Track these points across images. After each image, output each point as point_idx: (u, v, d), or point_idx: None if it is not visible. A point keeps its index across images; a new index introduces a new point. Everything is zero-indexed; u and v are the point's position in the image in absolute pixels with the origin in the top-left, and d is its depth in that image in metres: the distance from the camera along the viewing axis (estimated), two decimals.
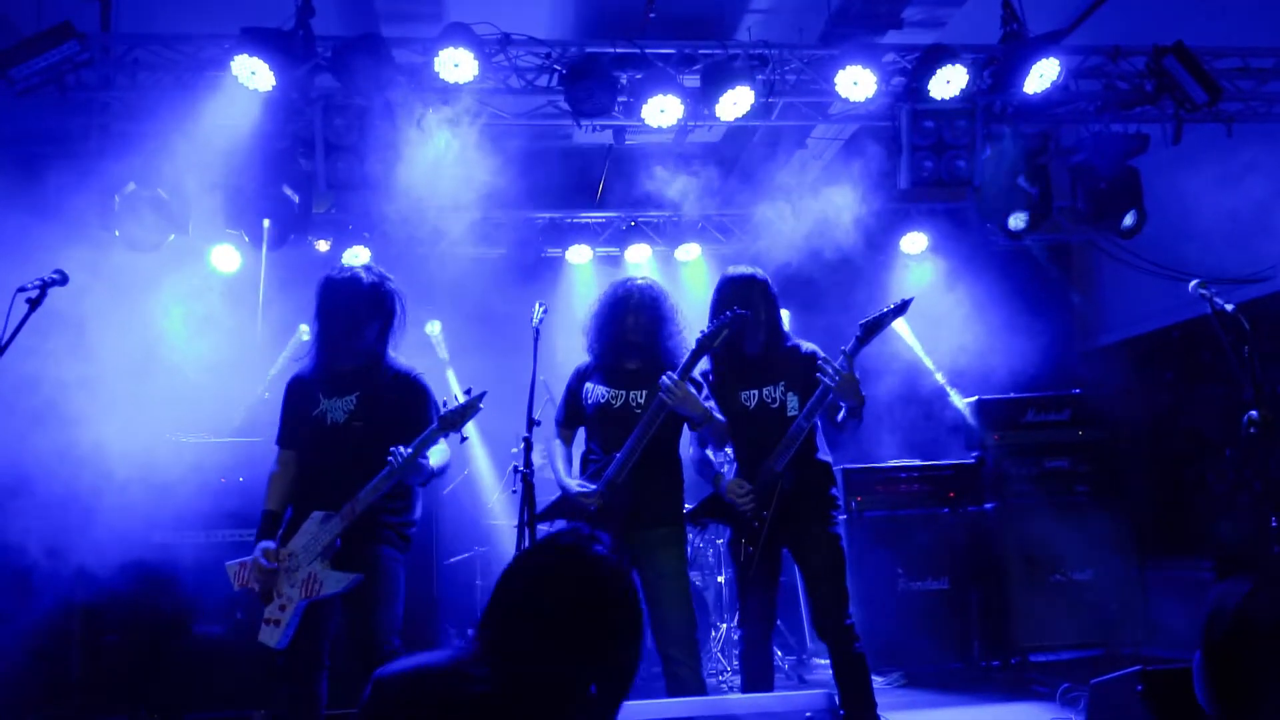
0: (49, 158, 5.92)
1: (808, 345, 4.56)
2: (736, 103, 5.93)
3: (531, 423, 4.15)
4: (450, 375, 7.95)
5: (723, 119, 6.07)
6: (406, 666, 1.98)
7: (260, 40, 5.38)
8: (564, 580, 1.98)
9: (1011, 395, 6.94)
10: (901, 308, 4.32)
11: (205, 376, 6.29)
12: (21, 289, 3.94)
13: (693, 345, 4.27)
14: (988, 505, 6.69)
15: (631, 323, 4.42)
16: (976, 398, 6.89)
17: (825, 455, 4.54)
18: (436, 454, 4.05)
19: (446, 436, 3.94)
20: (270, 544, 3.96)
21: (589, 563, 1.99)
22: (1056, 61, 5.89)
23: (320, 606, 3.89)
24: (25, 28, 5.57)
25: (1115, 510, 6.67)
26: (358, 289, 4.09)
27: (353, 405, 4.06)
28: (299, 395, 4.19)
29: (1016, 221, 6.78)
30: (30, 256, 4.56)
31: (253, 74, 5.44)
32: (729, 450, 4.59)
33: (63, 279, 4.04)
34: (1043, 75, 5.92)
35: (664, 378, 4.15)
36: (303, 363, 4.24)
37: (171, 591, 5.86)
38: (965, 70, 5.93)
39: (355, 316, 4.07)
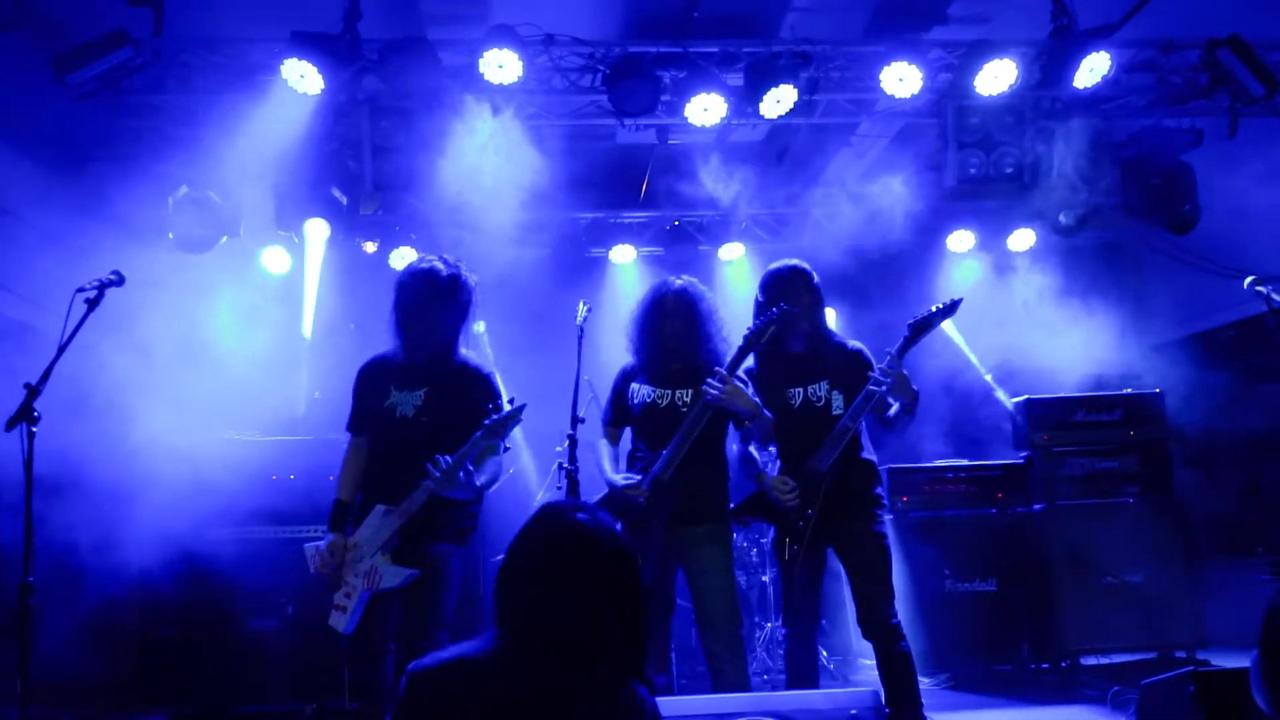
0: (104, 160, 6.06)
1: (853, 343, 4.55)
2: (780, 100, 5.93)
3: (576, 420, 4.20)
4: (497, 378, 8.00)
5: (766, 117, 6.07)
6: (438, 660, 2.08)
7: (309, 44, 5.47)
8: (561, 549, 2.10)
9: (1061, 395, 6.85)
10: (951, 308, 4.28)
11: (255, 375, 6.39)
12: (80, 290, 4.04)
13: (739, 342, 4.28)
14: (1036, 506, 6.60)
15: (672, 323, 4.44)
16: (1025, 397, 6.81)
17: (870, 454, 4.53)
18: (488, 467, 4.09)
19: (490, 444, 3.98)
20: (336, 537, 4.07)
21: (576, 529, 2.11)
22: (1107, 55, 5.82)
23: (383, 596, 3.99)
24: (78, 32, 5.69)
25: (1167, 512, 6.54)
26: (437, 280, 4.15)
27: (420, 400, 4.13)
28: (371, 383, 4.26)
29: (1066, 218, 6.70)
30: (85, 258, 4.67)
31: (302, 77, 5.53)
32: (772, 449, 4.59)
33: (120, 280, 4.14)
34: (1093, 70, 5.85)
35: (711, 377, 4.16)
36: (372, 353, 4.30)
37: (224, 587, 5.97)
38: (1013, 65, 5.88)
39: (431, 309, 4.13)
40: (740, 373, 4.33)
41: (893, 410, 4.34)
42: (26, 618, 3.69)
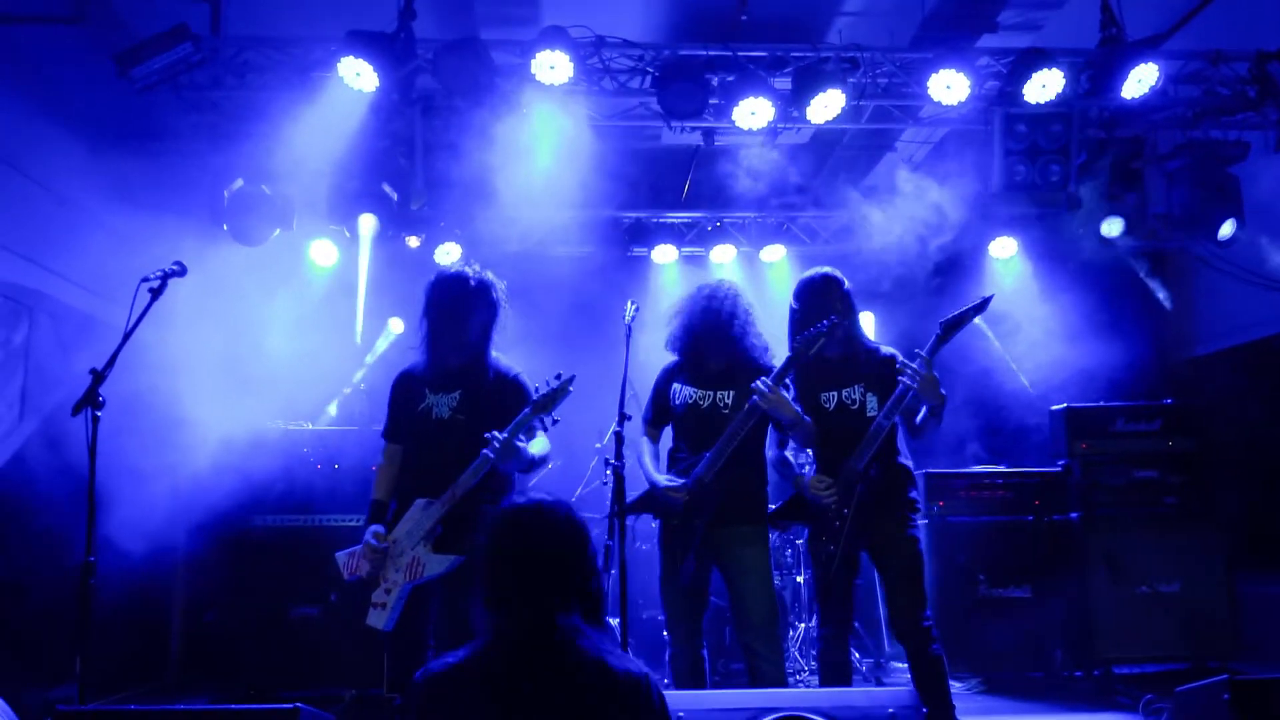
0: (163, 154, 6.22)
1: (886, 348, 4.63)
2: (827, 105, 5.99)
3: (623, 417, 4.29)
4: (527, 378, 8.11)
5: (813, 122, 6.12)
6: (437, 666, 2.25)
7: (365, 43, 5.58)
8: (527, 537, 2.34)
9: (1101, 404, 6.86)
10: (982, 305, 4.34)
11: (303, 366, 6.52)
12: (145, 279, 4.15)
13: (778, 344, 4.36)
14: (1073, 514, 6.62)
15: (712, 325, 4.53)
16: (1065, 405, 6.82)
17: (906, 459, 4.60)
18: (537, 445, 4.22)
19: (540, 421, 4.08)
20: (379, 527, 4.18)
21: (544, 517, 2.36)
22: (1155, 66, 5.83)
23: (423, 590, 4.09)
24: (139, 27, 5.84)
25: (1205, 523, 6.55)
26: (465, 288, 4.28)
27: (456, 401, 4.24)
28: (406, 390, 4.39)
29: (1111, 228, 6.70)
30: (146, 248, 4.80)
31: (358, 75, 5.64)
32: (808, 452, 4.66)
33: (182, 270, 4.26)
34: (1141, 80, 5.87)
35: (758, 382, 4.24)
36: (409, 358, 4.41)
37: (268, 574, 6.11)
38: (1062, 74, 5.90)
39: (462, 314, 4.25)
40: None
41: (920, 416, 4.42)
42: (88, 597, 3.81)
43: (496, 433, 3.99)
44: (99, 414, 3.89)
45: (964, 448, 7.58)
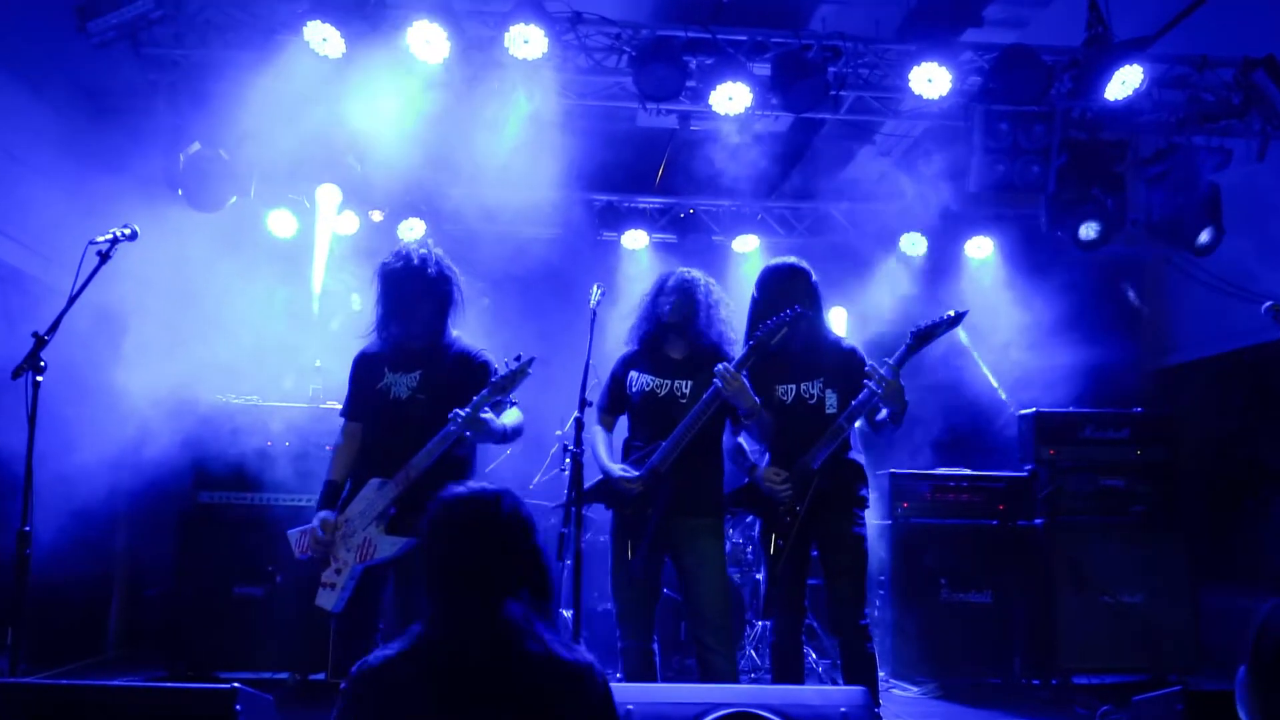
0: (119, 113, 6.14)
1: (848, 342, 4.69)
2: (806, 94, 6.00)
3: (584, 403, 4.29)
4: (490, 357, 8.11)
5: (792, 110, 6.14)
6: (375, 660, 2.25)
7: (333, 7, 5.54)
8: (466, 528, 2.33)
9: (1071, 409, 6.95)
10: (956, 319, 4.38)
11: (256, 340, 6.48)
12: (93, 242, 4.11)
13: (749, 340, 4.39)
14: (1038, 520, 6.71)
15: (675, 314, 4.55)
16: (1034, 409, 6.91)
17: (858, 454, 4.66)
18: (510, 416, 4.25)
19: (498, 402, 4.09)
20: (329, 514, 4.17)
21: (484, 508, 2.35)
22: (1140, 69, 5.91)
23: (375, 572, 4.10)
24: None
25: (1171, 533, 6.65)
26: (413, 271, 4.25)
27: (416, 381, 4.24)
28: (366, 369, 4.38)
29: (1088, 232, 6.79)
30: (95, 209, 4.76)
31: (324, 40, 5.61)
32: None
33: (133, 235, 4.22)
34: (1125, 82, 5.94)
35: (720, 366, 4.27)
36: (369, 339, 4.41)
37: (213, 551, 6.08)
38: (1045, 72, 5.95)
39: (412, 298, 4.25)
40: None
41: (880, 415, 4.47)
42: (25, 567, 3.79)
43: (460, 410, 4.01)
44: (40, 379, 3.87)
45: (930, 449, 7.65)
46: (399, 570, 4.12)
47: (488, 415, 4.06)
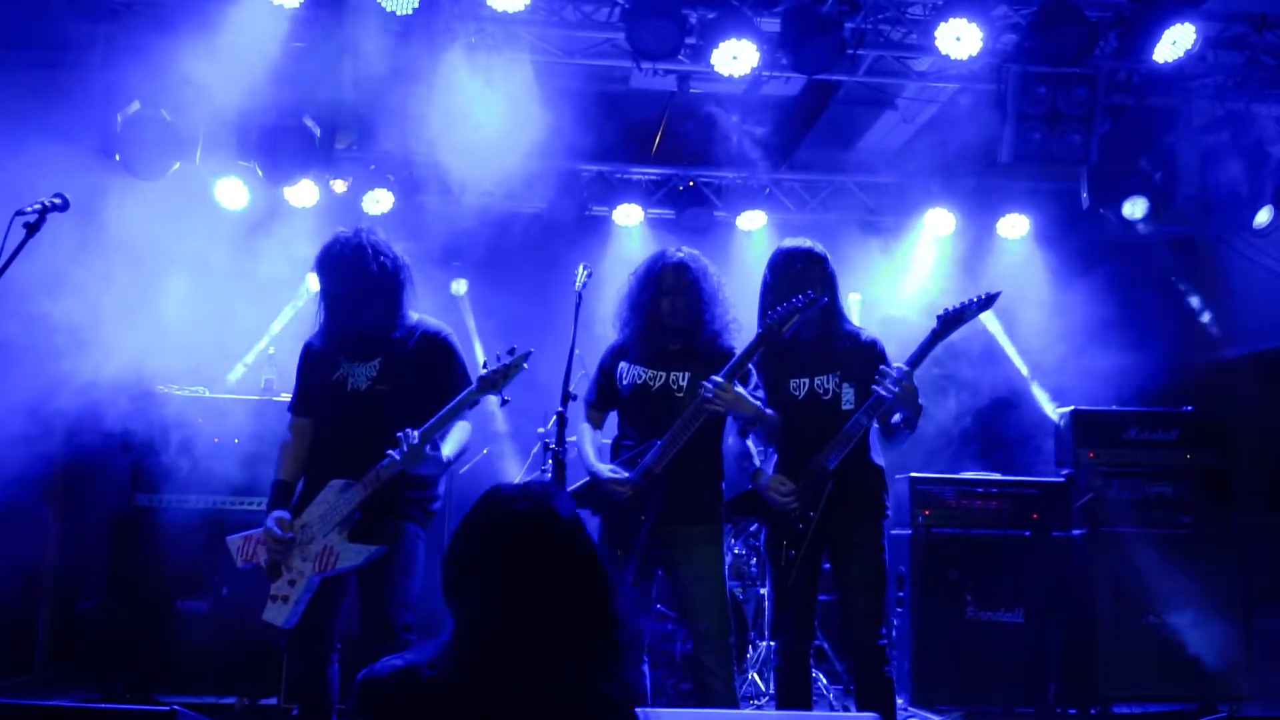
0: (54, 67, 6.12)
1: (868, 333, 4.69)
2: (819, 52, 6.00)
3: (567, 396, 4.31)
4: (476, 343, 8.14)
5: (803, 71, 6.14)
6: (390, 667, 2.18)
7: None
8: (503, 544, 2.16)
9: (1113, 408, 6.96)
10: (987, 301, 4.40)
11: (202, 324, 6.47)
12: (19, 213, 4.10)
13: (752, 327, 4.40)
14: (1076, 531, 6.73)
15: (671, 300, 4.53)
16: (1072, 408, 6.92)
17: (878, 458, 4.66)
18: (454, 438, 4.21)
19: (484, 399, 4.10)
20: (284, 513, 4.16)
21: (518, 522, 2.17)
22: (1193, 28, 5.90)
23: (333, 583, 4.10)
24: None
25: (1224, 548, 6.66)
26: (348, 263, 4.23)
27: (376, 370, 4.25)
28: (316, 360, 4.39)
29: (1134, 209, 6.79)
30: (20, 175, 4.74)
31: None
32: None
33: (64, 204, 4.19)
34: (1176, 42, 5.94)
35: (706, 382, 4.24)
36: (317, 326, 4.41)
37: (152, 560, 6.06)
38: (1088, 30, 5.95)
39: (356, 290, 4.24)
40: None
41: (895, 418, 4.49)
42: None
43: (411, 430, 4.00)
44: None
45: (954, 450, 7.67)
46: (362, 581, 4.12)
47: (435, 443, 4.05)
